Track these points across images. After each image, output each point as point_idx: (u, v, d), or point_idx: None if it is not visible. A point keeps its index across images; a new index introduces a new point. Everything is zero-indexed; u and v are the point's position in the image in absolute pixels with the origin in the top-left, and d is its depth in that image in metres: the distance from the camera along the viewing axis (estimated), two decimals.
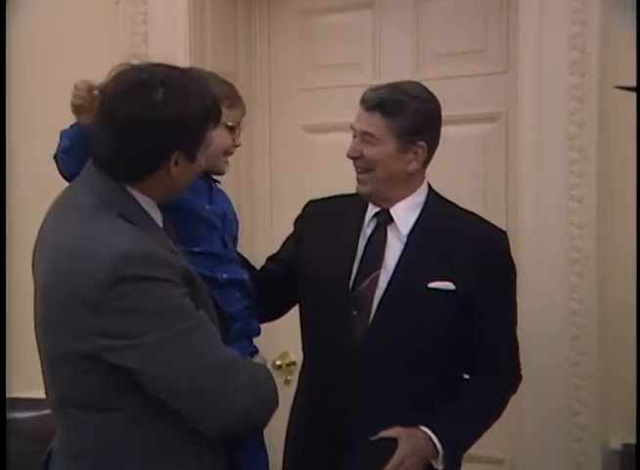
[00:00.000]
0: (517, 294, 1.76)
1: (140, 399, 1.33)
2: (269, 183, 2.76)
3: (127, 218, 1.34)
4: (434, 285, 1.65)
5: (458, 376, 1.74)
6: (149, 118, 1.30)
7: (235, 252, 1.70)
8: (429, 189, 1.76)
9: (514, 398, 1.77)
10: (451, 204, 1.78)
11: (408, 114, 1.65)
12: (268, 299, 1.73)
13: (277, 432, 1.75)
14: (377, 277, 1.68)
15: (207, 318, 1.36)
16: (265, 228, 2.71)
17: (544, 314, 2.15)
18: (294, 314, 1.84)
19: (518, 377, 1.77)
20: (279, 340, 2.48)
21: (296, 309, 1.84)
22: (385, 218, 1.72)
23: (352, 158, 1.70)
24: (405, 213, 1.72)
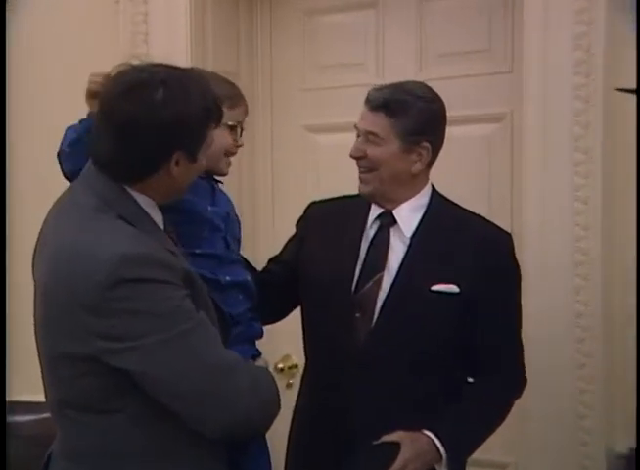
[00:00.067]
0: (521, 296, 1.75)
1: (140, 402, 1.32)
2: (271, 184, 2.76)
3: (127, 220, 1.34)
4: (438, 287, 1.65)
5: (461, 378, 1.73)
6: (149, 119, 1.30)
7: (238, 253, 1.70)
8: (432, 190, 1.76)
9: (518, 401, 1.76)
10: (455, 205, 1.78)
11: (412, 114, 1.65)
12: (270, 301, 1.73)
13: (279, 435, 1.74)
14: (380, 279, 1.68)
15: (208, 320, 1.36)
16: (267, 229, 2.71)
17: (549, 316, 2.14)
18: (296, 317, 1.84)
19: (522, 380, 1.77)
20: (281, 342, 2.48)
21: (298, 312, 1.84)
22: (388, 220, 1.72)
23: (356, 157, 1.70)
24: (408, 215, 1.71)
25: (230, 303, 1.59)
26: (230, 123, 1.61)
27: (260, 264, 1.87)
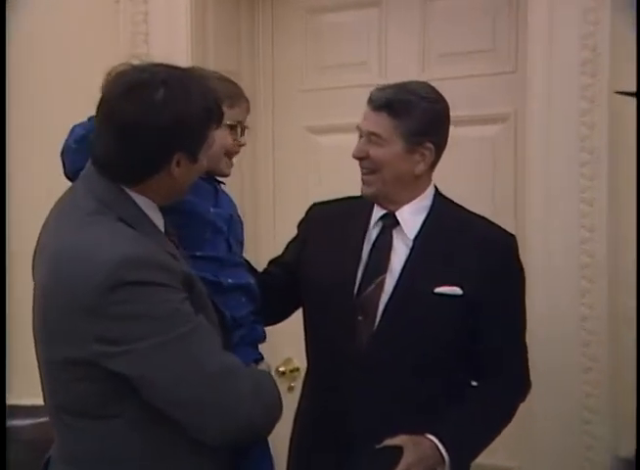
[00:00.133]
0: (526, 298, 1.75)
1: (138, 407, 1.32)
2: (272, 185, 2.75)
3: (127, 222, 1.34)
4: (441, 290, 1.64)
5: (464, 381, 1.73)
6: (149, 119, 1.30)
7: (240, 256, 1.69)
8: (435, 191, 1.76)
9: (523, 404, 1.76)
10: (458, 206, 1.78)
11: (416, 114, 1.65)
12: (270, 302, 1.73)
13: (281, 438, 1.74)
14: (382, 282, 1.67)
15: (207, 323, 1.36)
16: (268, 230, 2.70)
17: (554, 320, 2.14)
18: (297, 319, 1.84)
19: (527, 383, 1.76)
20: (282, 346, 2.48)
21: (299, 315, 1.84)
22: (390, 222, 1.72)
23: (358, 158, 1.70)
24: (411, 217, 1.71)
25: (232, 305, 1.58)
26: (230, 123, 1.59)
27: (261, 265, 1.87)
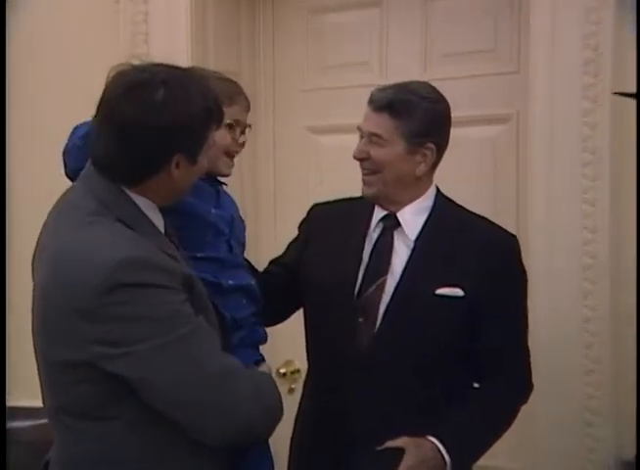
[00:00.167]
0: (528, 300, 1.75)
1: (137, 408, 1.32)
2: (273, 185, 2.76)
3: (126, 223, 1.34)
4: (442, 291, 1.64)
5: (465, 383, 1.73)
6: (149, 120, 1.30)
7: (242, 257, 1.69)
8: (437, 192, 1.76)
9: (525, 407, 1.75)
10: (460, 207, 1.78)
11: (417, 115, 1.65)
12: (271, 303, 1.73)
13: (282, 439, 1.74)
14: (383, 283, 1.67)
15: (207, 325, 1.36)
16: (269, 230, 2.71)
17: (556, 321, 2.14)
18: (298, 321, 1.84)
19: (529, 385, 1.76)
20: (283, 347, 2.48)
21: (300, 317, 1.84)
22: (391, 223, 1.72)
23: (359, 159, 1.70)
24: (412, 218, 1.71)
25: (233, 307, 1.58)
26: (228, 121, 1.57)
27: (262, 266, 1.87)
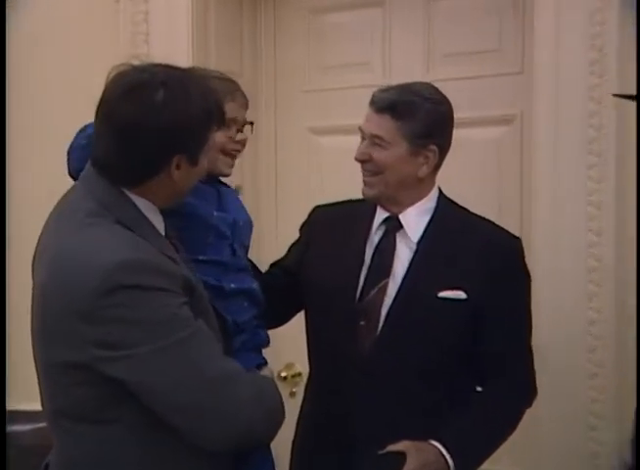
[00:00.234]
0: (532, 303, 1.75)
1: (136, 411, 1.32)
2: (274, 186, 2.76)
3: (126, 225, 1.35)
4: (445, 294, 1.65)
5: (468, 386, 1.73)
6: (149, 120, 1.30)
7: (245, 260, 1.70)
8: (439, 194, 1.76)
9: (528, 410, 1.75)
10: (463, 209, 1.78)
11: (420, 116, 1.65)
12: (272, 305, 1.73)
13: (283, 443, 1.74)
14: (385, 286, 1.68)
15: (207, 329, 1.36)
16: (270, 231, 2.71)
17: (560, 324, 2.14)
18: (300, 324, 1.84)
19: (532, 389, 1.76)
20: (284, 350, 2.48)
21: (302, 320, 1.84)
22: (393, 225, 1.72)
23: (361, 161, 1.70)
24: (415, 220, 1.71)
25: (235, 310, 1.59)
26: None
27: (263, 267, 1.87)
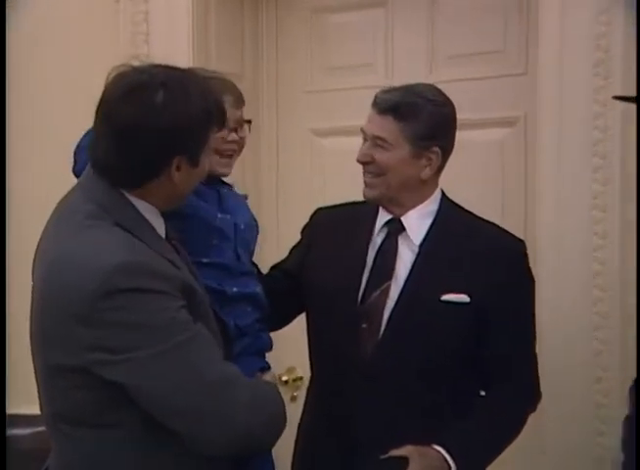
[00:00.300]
0: (536, 307, 1.75)
1: (135, 415, 1.32)
2: (275, 188, 2.77)
3: (125, 227, 1.35)
4: (448, 297, 1.65)
5: (471, 390, 1.73)
6: (149, 122, 1.31)
7: (249, 263, 1.70)
8: (442, 196, 1.76)
9: (532, 415, 1.75)
10: (466, 212, 1.78)
11: (423, 118, 1.65)
12: (273, 307, 1.73)
13: (284, 447, 1.74)
14: (387, 289, 1.68)
15: (206, 332, 1.36)
16: (272, 233, 2.70)
17: (565, 329, 2.13)
18: (301, 328, 1.84)
19: (537, 393, 1.76)
20: (285, 354, 2.47)
21: (303, 323, 1.84)
22: (396, 227, 1.72)
23: (363, 163, 1.70)
24: (417, 222, 1.71)
25: (237, 314, 1.60)
26: None
27: (264, 269, 1.88)
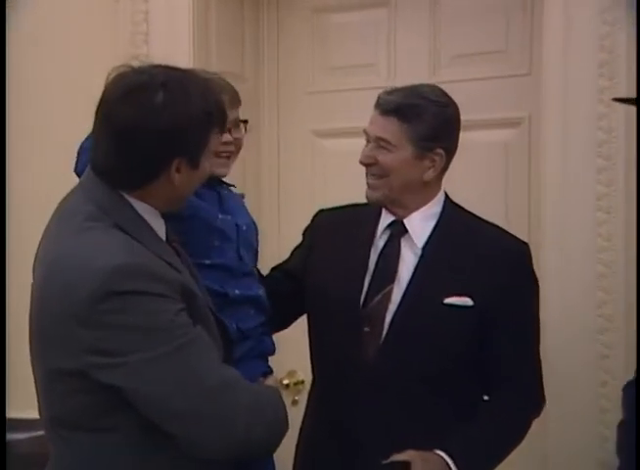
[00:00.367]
0: (539, 310, 1.75)
1: (133, 419, 1.32)
2: (276, 189, 2.77)
3: (124, 228, 1.35)
4: (451, 300, 1.65)
5: (474, 394, 1.72)
6: (148, 123, 1.31)
7: (252, 265, 1.70)
8: (445, 198, 1.76)
9: (536, 420, 1.75)
10: (469, 214, 1.78)
11: (426, 119, 1.65)
12: (274, 309, 1.73)
13: (285, 451, 1.73)
14: (390, 292, 1.68)
15: (205, 335, 1.35)
16: (272, 234, 2.70)
17: (569, 332, 2.13)
18: (302, 331, 1.84)
19: (541, 398, 1.75)
20: (286, 357, 2.46)
21: (304, 326, 1.84)
22: (398, 229, 1.72)
23: (365, 164, 1.70)
24: (420, 224, 1.71)
25: (239, 317, 1.60)
26: None
27: (264, 270, 1.87)
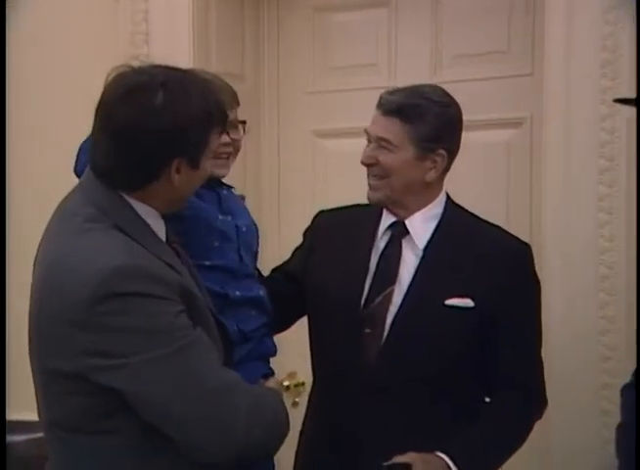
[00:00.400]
0: (541, 312, 1.74)
1: (133, 422, 1.32)
2: (277, 190, 2.77)
3: (124, 230, 1.34)
4: (452, 302, 1.64)
5: (475, 396, 1.73)
6: (148, 123, 1.31)
7: (252, 266, 1.70)
8: (447, 199, 1.76)
9: (539, 422, 1.74)
10: (471, 215, 1.78)
11: (428, 119, 1.65)
12: (274, 310, 1.73)
13: (286, 454, 1.73)
14: (391, 293, 1.67)
15: (205, 337, 1.35)
16: (273, 235, 2.70)
17: (571, 333, 2.14)
18: (302, 332, 1.84)
19: (542, 400, 1.75)
20: (287, 359, 2.46)
21: (305, 327, 1.83)
22: (399, 230, 1.72)
23: (367, 165, 1.70)
24: (421, 225, 1.71)
25: (240, 318, 1.60)
26: None
27: (265, 271, 1.87)
